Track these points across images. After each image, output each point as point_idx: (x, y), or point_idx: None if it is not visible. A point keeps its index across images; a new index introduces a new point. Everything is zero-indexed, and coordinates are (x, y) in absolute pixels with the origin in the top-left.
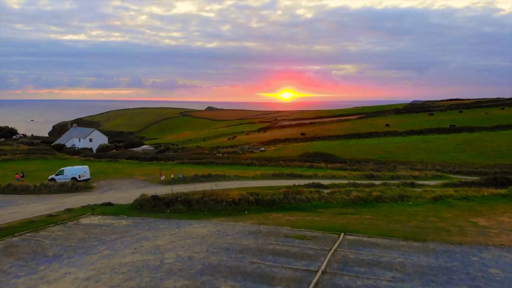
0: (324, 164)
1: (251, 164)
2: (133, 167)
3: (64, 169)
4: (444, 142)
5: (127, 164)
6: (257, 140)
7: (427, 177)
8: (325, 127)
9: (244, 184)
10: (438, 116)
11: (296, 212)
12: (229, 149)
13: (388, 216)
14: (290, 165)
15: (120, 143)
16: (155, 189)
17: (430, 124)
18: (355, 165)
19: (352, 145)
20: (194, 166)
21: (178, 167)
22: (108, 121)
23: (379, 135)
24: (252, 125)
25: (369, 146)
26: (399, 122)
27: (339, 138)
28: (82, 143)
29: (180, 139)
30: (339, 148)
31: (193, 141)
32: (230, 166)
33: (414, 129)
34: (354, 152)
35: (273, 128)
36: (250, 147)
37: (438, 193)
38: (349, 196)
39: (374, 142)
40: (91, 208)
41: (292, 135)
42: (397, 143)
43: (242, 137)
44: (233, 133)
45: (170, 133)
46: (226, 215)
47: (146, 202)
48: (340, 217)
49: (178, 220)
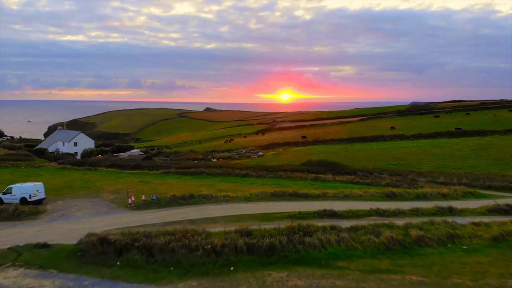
0: (331, 176)
1: (247, 175)
2: (108, 178)
3: (12, 187)
4: (457, 147)
5: (104, 174)
6: (255, 143)
7: (458, 195)
8: (327, 129)
9: (234, 210)
10: (444, 118)
11: (307, 269)
12: (224, 154)
13: (444, 277)
14: (292, 176)
15: (108, 147)
16: (118, 217)
17: (438, 127)
18: (367, 177)
19: (357, 150)
20: (180, 178)
21: (161, 178)
22: (104, 122)
23: (385, 139)
24: (250, 127)
25: (375, 151)
26: (404, 124)
27: (342, 142)
28: (66, 147)
29: (176, 141)
30: (344, 154)
31: (188, 143)
32: (222, 177)
33: (422, 133)
34: (360, 159)
35: (272, 130)
36: (247, 152)
37: (495, 229)
38: (379, 237)
39: (380, 146)
40: (18, 252)
41: (292, 138)
42: (406, 148)
43: (239, 140)
44: (231, 135)
45: (166, 134)
46: (201, 274)
47: (90, 247)
48: (374, 280)
49: (128, 284)
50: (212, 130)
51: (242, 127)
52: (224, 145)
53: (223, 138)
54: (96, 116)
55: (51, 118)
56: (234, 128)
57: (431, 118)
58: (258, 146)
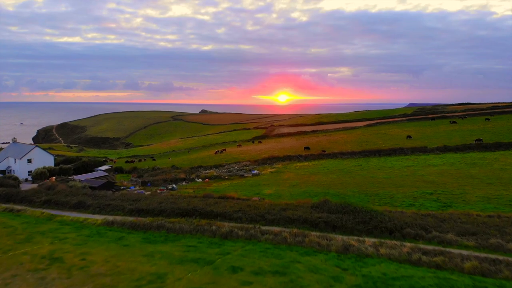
0: (371, 248)
1: (230, 236)
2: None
3: None
4: (498, 165)
5: (11, 230)
6: (251, 155)
7: None
8: (331, 137)
9: None
10: (462, 124)
11: None
12: (212, 172)
13: None
14: (305, 244)
15: (70, 164)
16: None
17: (460, 136)
18: (420, 236)
19: (375, 168)
20: (121, 241)
21: (89, 244)
22: (95, 126)
23: (405, 152)
24: (246, 131)
25: (399, 171)
26: (419, 132)
27: (354, 156)
28: (18, 165)
29: (165, 148)
30: (360, 175)
31: (176, 153)
32: (190, 237)
33: (448, 145)
34: (384, 183)
35: (269, 137)
36: (240, 168)
37: None
38: None
39: (403, 164)
40: None
41: (292, 148)
42: (436, 167)
43: (233, 149)
44: (224, 143)
45: (159, 139)
46: None
47: None
48: None
49: None
50: (205, 135)
51: (238, 132)
52: (214, 158)
53: (215, 147)
54: (87, 119)
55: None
56: (229, 134)
57: (446, 124)
58: (254, 161)
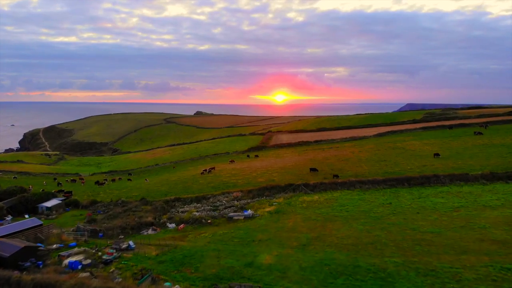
0: None
1: None
2: None
3: None
4: None
5: None
6: (244, 177)
7: None
8: (340, 152)
9: None
10: (491, 137)
11: None
12: (192, 211)
13: None
14: None
15: (9, 199)
16: None
17: (499, 154)
18: None
19: (411, 211)
20: None
21: None
22: (84, 129)
23: (442, 181)
24: (241, 138)
25: (449, 219)
26: (444, 147)
27: (376, 185)
28: None
29: (149, 160)
30: (395, 223)
31: (160, 168)
32: None
33: (494, 171)
34: (433, 240)
35: (267, 147)
36: (229, 204)
37: None
38: None
39: (448, 204)
40: None
41: (295, 167)
42: (495, 210)
43: (224, 166)
44: (216, 154)
45: (149, 144)
46: None
47: None
48: None
49: None
50: (197, 142)
51: (232, 138)
52: (199, 180)
53: (205, 159)
54: (77, 122)
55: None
56: (222, 141)
57: (470, 135)
58: (247, 191)
